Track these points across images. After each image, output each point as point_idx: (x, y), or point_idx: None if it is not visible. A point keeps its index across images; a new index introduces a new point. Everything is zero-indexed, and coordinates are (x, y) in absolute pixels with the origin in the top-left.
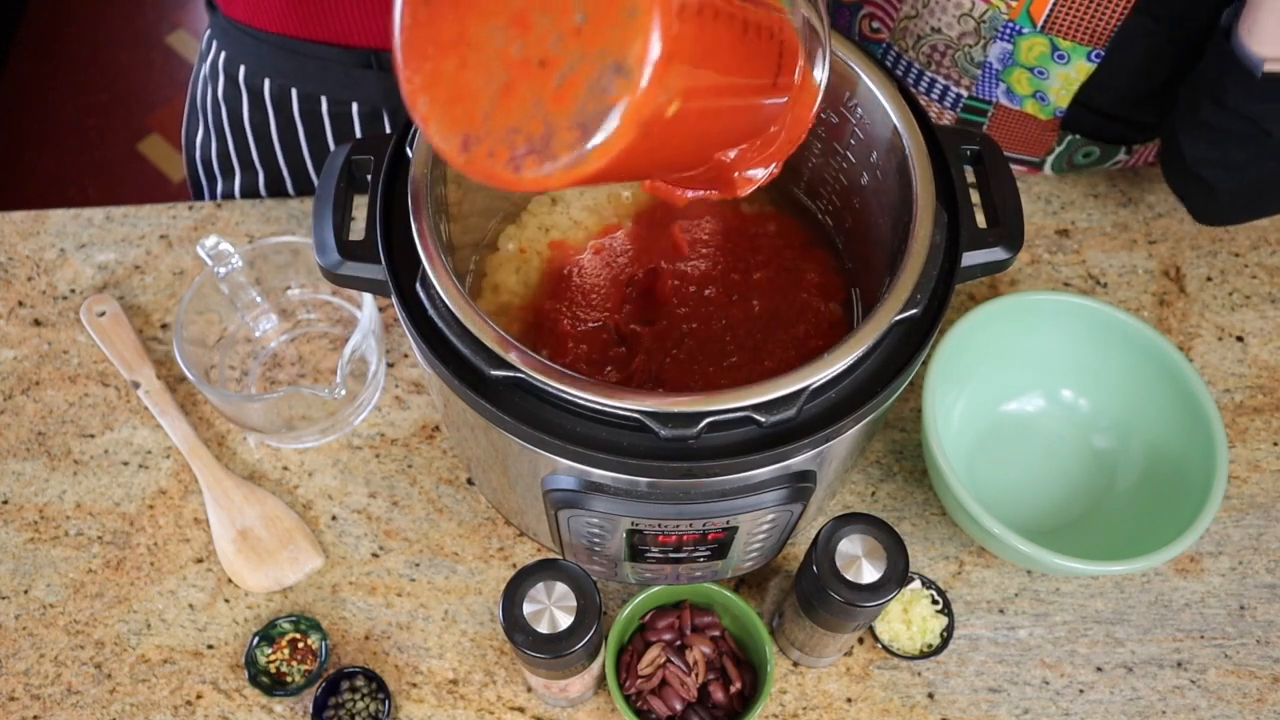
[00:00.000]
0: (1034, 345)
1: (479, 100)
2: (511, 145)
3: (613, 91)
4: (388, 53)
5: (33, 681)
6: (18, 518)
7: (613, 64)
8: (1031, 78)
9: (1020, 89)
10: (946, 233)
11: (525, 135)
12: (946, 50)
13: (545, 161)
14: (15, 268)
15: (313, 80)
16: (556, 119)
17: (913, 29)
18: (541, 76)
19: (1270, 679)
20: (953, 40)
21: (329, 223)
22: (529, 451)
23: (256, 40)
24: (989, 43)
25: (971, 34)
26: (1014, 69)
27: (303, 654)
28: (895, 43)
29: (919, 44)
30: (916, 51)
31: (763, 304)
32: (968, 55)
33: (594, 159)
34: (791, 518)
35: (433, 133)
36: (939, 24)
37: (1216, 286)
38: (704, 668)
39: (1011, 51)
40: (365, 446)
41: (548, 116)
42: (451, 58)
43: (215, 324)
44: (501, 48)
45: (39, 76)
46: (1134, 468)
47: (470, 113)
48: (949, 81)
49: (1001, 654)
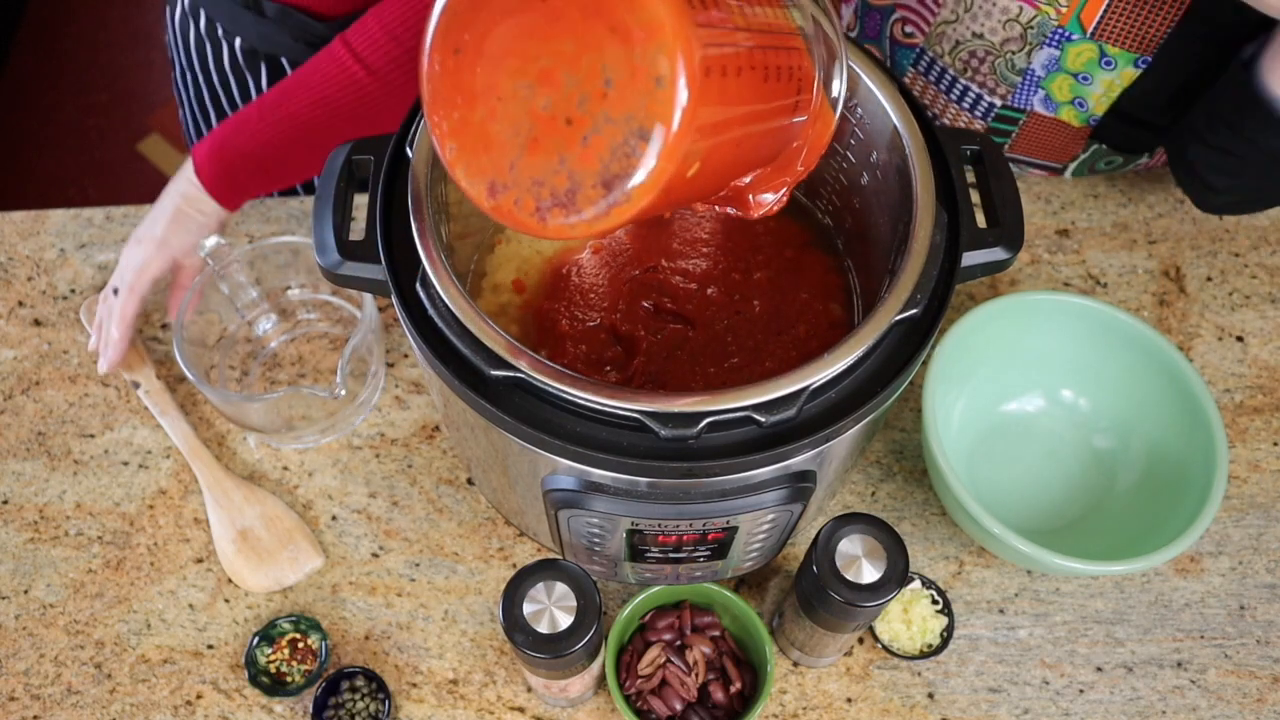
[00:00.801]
0: (1034, 345)
1: (506, 150)
2: (537, 196)
3: (637, 155)
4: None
5: (33, 681)
6: (18, 518)
7: (638, 129)
8: (1074, 84)
9: (1059, 95)
10: (946, 233)
11: (550, 189)
12: (986, 56)
13: (570, 214)
14: (15, 268)
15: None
16: (581, 176)
17: (950, 34)
18: (568, 134)
19: (1270, 679)
20: (994, 46)
21: (329, 223)
22: (529, 451)
23: None
24: (1035, 49)
25: (1016, 40)
26: (1057, 75)
27: (303, 654)
28: (930, 48)
29: (956, 50)
30: (953, 57)
31: (763, 304)
32: (1009, 62)
33: (617, 216)
34: (791, 518)
35: (459, 176)
36: (981, 29)
37: (1216, 286)
38: (704, 668)
39: (1058, 58)
40: (365, 446)
41: (573, 172)
42: (479, 107)
43: (215, 324)
44: (528, 102)
45: (39, 76)
46: (1134, 468)
47: (497, 162)
48: (983, 90)
49: (1001, 654)
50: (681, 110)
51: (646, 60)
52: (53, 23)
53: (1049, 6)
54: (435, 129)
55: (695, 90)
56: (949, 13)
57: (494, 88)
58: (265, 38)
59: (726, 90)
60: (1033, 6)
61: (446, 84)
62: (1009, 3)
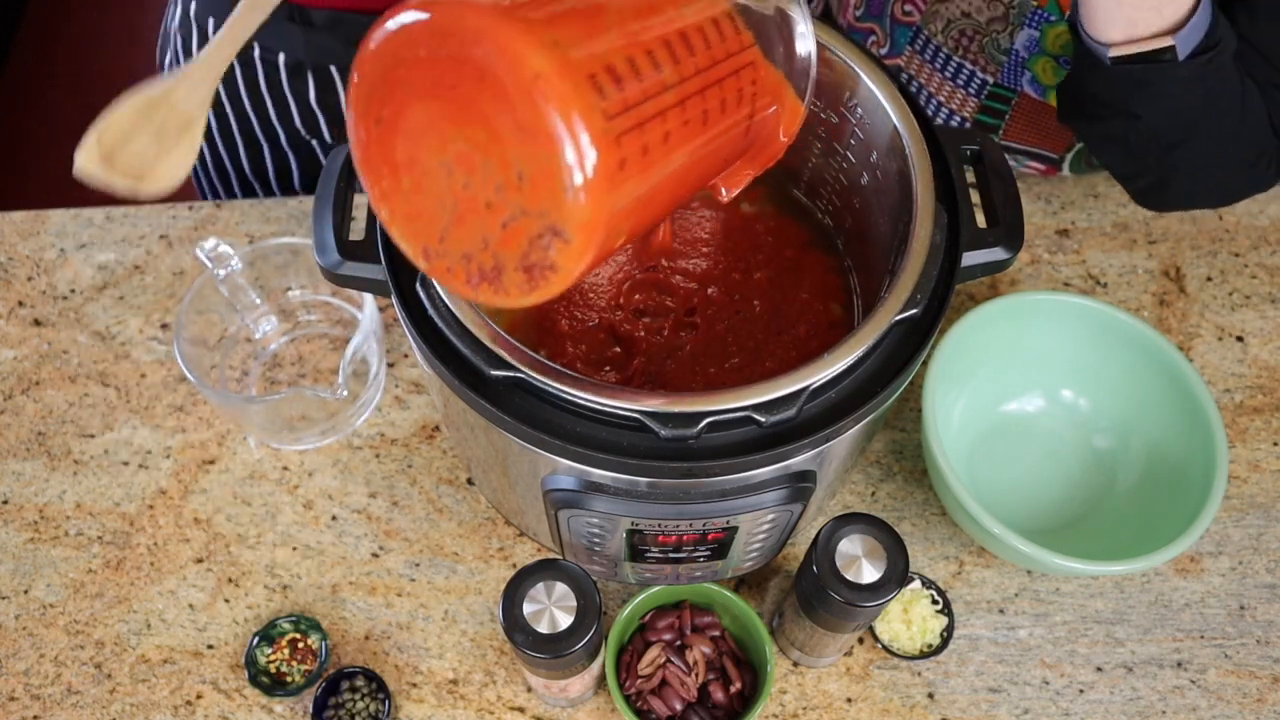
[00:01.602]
0: (1034, 345)
1: (434, 221)
2: (466, 269)
3: (554, 250)
4: (309, 9)
5: (33, 681)
6: (18, 518)
7: (552, 226)
8: (1057, 67)
9: (1045, 78)
10: (946, 233)
11: (478, 264)
12: (975, 35)
13: (498, 292)
14: (15, 268)
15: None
16: (504, 258)
17: (943, 12)
18: (488, 216)
19: (1270, 679)
20: (981, 25)
21: (329, 223)
22: (529, 451)
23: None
24: (1017, 29)
25: (1000, 20)
26: (1040, 57)
27: (303, 654)
28: (925, 26)
29: (948, 28)
30: (945, 36)
31: (763, 304)
32: (995, 42)
33: (543, 295)
34: (791, 518)
35: (396, 237)
36: (969, 8)
37: (1216, 286)
38: (704, 668)
39: (1038, 39)
40: (365, 446)
41: (496, 254)
42: (405, 178)
43: (216, 324)
44: (450, 179)
45: (39, 76)
46: (1134, 468)
47: (428, 230)
48: (975, 67)
49: (1001, 654)
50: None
51: (554, 164)
52: (53, 23)
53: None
54: (369, 190)
55: (608, 191)
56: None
57: (416, 162)
58: (315, 48)
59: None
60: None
61: (372, 152)
62: None
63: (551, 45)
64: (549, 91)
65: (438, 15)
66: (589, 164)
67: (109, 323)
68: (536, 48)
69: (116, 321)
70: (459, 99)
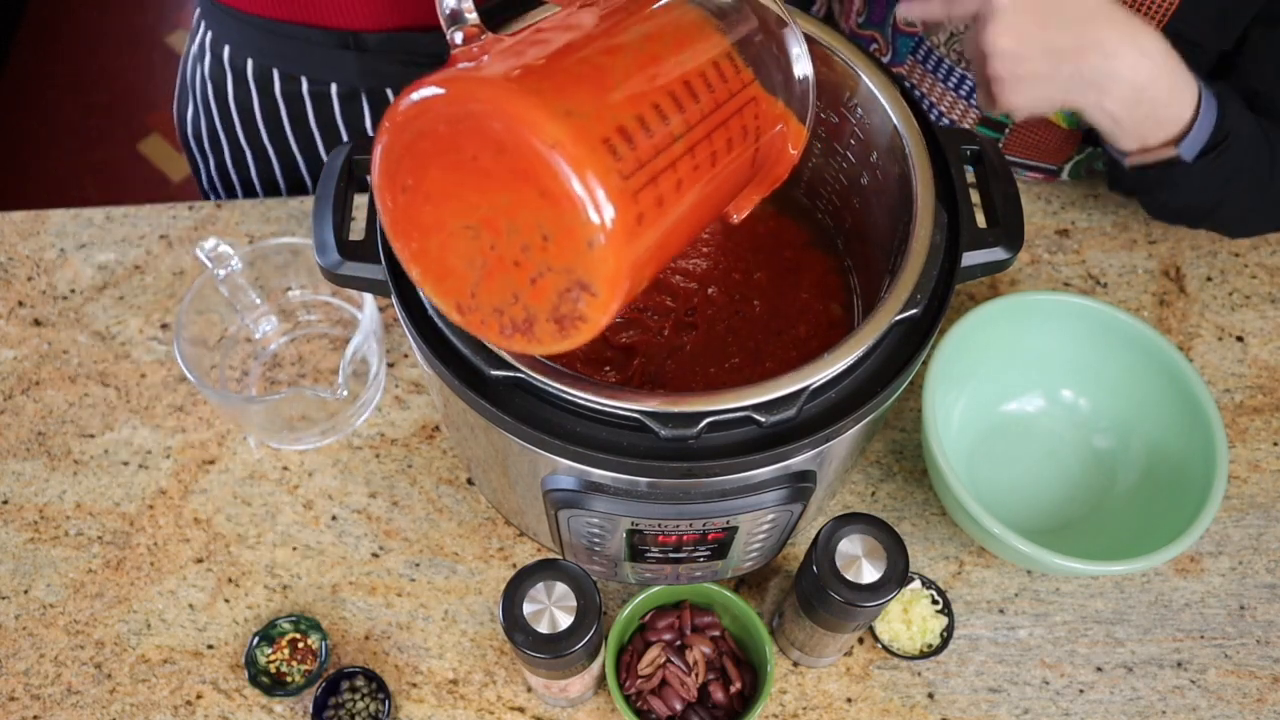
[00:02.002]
0: (1034, 345)
1: (465, 279)
2: (499, 321)
3: (582, 303)
4: (365, 34)
5: (33, 681)
6: (18, 518)
7: (579, 281)
8: None
9: None
10: (946, 233)
11: (510, 317)
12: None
13: (531, 342)
14: (15, 268)
15: (293, 61)
16: (535, 310)
17: (946, 25)
18: (516, 274)
19: (1270, 679)
20: None
21: (329, 223)
22: (529, 451)
23: (239, 21)
24: None
25: None
26: None
27: (303, 654)
28: (928, 37)
29: (951, 41)
30: (948, 48)
31: (763, 304)
32: None
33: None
34: (791, 518)
35: (428, 294)
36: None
37: (1216, 286)
38: (704, 668)
39: None
40: (365, 446)
41: (527, 306)
42: (433, 239)
43: (216, 324)
44: (476, 240)
45: (39, 76)
46: (1134, 468)
47: (459, 288)
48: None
49: (1001, 654)
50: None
51: (576, 225)
52: (53, 23)
53: None
54: (400, 253)
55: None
56: None
57: (442, 225)
58: (369, 73)
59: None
60: None
61: (400, 217)
62: None
63: (565, 115)
64: (566, 159)
65: (454, 92)
66: (609, 222)
67: (109, 323)
68: (551, 118)
69: (116, 321)
70: (480, 169)
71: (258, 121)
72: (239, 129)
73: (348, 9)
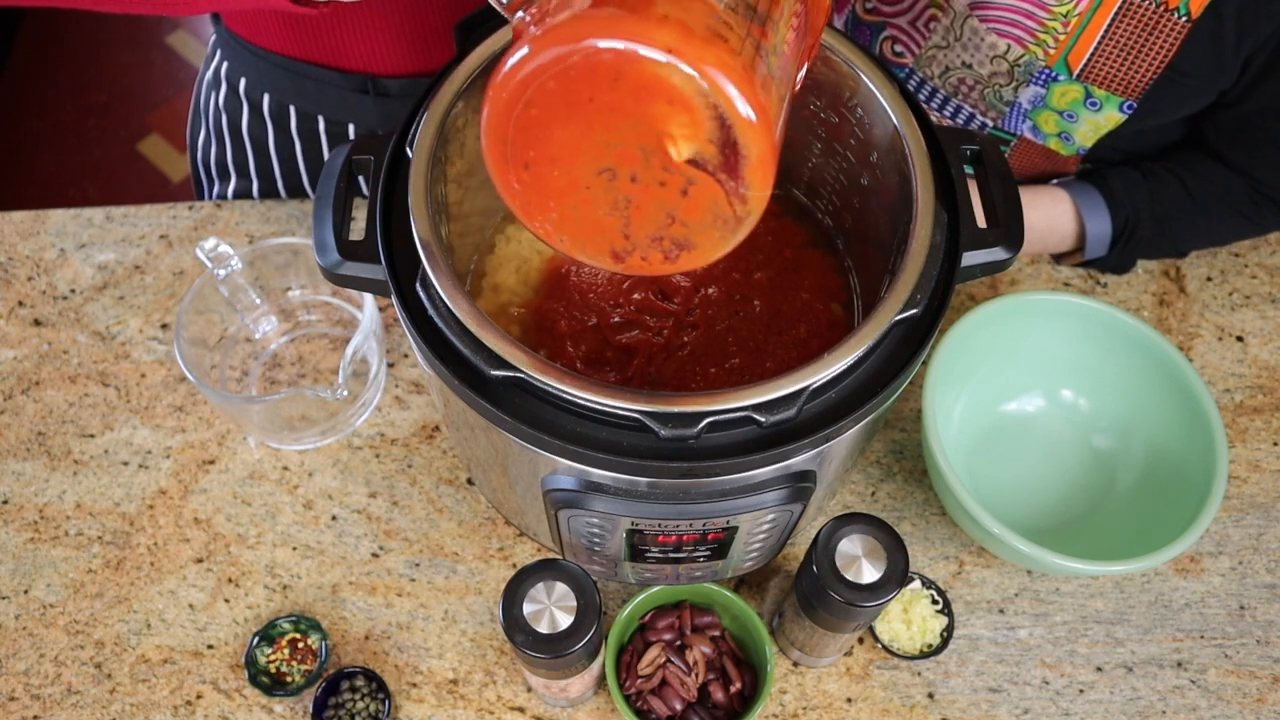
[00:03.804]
0: (1034, 345)
1: (614, 224)
2: (661, 248)
3: (740, 207)
4: (384, 78)
5: (33, 681)
6: (18, 518)
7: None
8: (1060, 120)
9: (1046, 128)
10: (946, 233)
11: (670, 239)
12: (975, 85)
13: (697, 255)
14: (15, 268)
15: (310, 100)
16: (695, 221)
17: (940, 58)
18: (665, 193)
19: (1270, 679)
20: (983, 77)
21: (329, 223)
22: (529, 451)
23: (257, 56)
24: (1021, 85)
25: (1004, 75)
26: (1043, 110)
27: (303, 654)
28: (920, 69)
29: (946, 74)
30: (943, 80)
31: (763, 304)
32: (996, 93)
33: (742, 234)
34: (791, 518)
35: (579, 256)
36: (970, 60)
37: (1216, 286)
38: (704, 668)
39: (1044, 95)
40: (365, 446)
41: (685, 221)
42: (569, 201)
43: (216, 324)
44: (614, 181)
45: (39, 76)
46: (1134, 468)
47: (610, 235)
48: (975, 110)
49: (1001, 654)
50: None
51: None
52: (53, 23)
53: (1037, 47)
54: (540, 231)
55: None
56: (939, 39)
57: (576, 182)
58: (389, 118)
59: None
60: (1021, 46)
61: (532, 195)
62: (996, 40)
63: (663, 20)
64: (685, 59)
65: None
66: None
67: (109, 323)
68: (655, 27)
69: (116, 321)
70: (601, 107)
71: (271, 156)
72: (251, 160)
73: (368, 53)
